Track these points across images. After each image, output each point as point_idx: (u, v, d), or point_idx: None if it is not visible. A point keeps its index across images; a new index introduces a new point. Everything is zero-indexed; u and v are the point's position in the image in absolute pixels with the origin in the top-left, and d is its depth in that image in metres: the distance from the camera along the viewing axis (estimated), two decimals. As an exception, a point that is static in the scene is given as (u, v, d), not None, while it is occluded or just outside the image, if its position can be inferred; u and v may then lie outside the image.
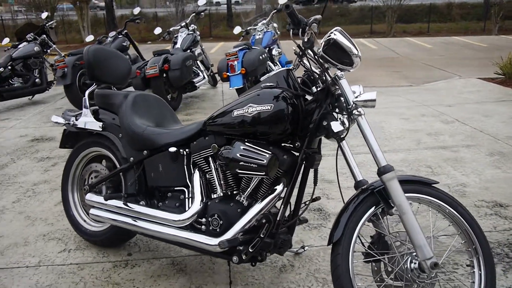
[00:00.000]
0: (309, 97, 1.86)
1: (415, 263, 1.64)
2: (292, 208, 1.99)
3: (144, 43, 16.17)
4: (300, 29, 1.71)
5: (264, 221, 1.74)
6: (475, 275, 1.73)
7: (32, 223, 2.84)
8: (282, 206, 1.85)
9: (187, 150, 2.07)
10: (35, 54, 6.51)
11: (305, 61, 1.84)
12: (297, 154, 1.86)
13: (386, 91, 6.50)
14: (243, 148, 1.77)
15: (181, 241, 1.97)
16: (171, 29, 6.69)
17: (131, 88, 6.33)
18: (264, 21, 6.46)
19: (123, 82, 2.57)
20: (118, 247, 2.49)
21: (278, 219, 1.85)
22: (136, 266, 2.32)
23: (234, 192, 1.98)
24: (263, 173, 1.73)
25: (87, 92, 2.46)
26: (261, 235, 1.76)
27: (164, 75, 5.51)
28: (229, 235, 1.83)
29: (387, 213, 1.70)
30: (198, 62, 6.44)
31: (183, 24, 6.56)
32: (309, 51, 1.75)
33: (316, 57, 1.75)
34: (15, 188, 3.43)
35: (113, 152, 2.36)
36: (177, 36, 6.51)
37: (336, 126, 1.74)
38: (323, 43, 1.71)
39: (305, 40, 1.70)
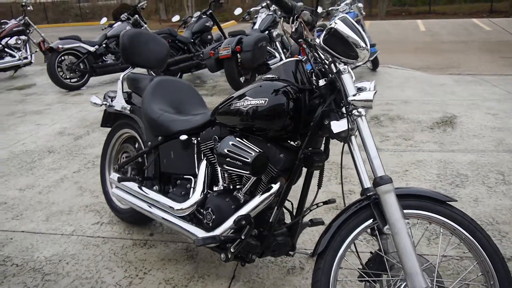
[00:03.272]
0: None
1: (407, 292, 1.42)
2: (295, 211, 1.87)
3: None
4: (291, 18, 1.53)
5: (243, 222, 1.64)
6: (488, 316, 1.45)
7: (81, 194, 3.08)
8: (276, 207, 1.73)
9: (199, 139, 2.04)
10: (127, 33, 6.97)
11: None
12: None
13: (482, 80, 5.75)
14: (232, 144, 1.68)
15: (178, 230, 1.97)
16: (251, 9, 6.66)
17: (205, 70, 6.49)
18: (348, 1, 6.08)
19: (159, 65, 2.60)
20: (143, 226, 2.58)
21: (270, 220, 1.73)
22: (152, 247, 2.38)
23: (237, 187, 1.90)
24: (248, 172, 1.62)
25: (121, 75, 2.54)
26: (242, 237, 1.67)
27: (238, 56, 5.52)
28: (218, 231, 1.77)
29: (381, 230, 1.49)
30: (277, 43, 6.33)
31: (264, 4, 6.47)
32: (308, 42, 1.57)
33: (316, 48, 1.56)
34: (80, 159, 3.74)
35: (140, 135, 2.42)
36: (257, 16, 6.46)
37: (336, 126, 1.54)
38: (325, 32, 1.53)
39: (293, 30, 1.52)
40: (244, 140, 1.70)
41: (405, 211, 1.50)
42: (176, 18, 7.12)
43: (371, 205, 1.50)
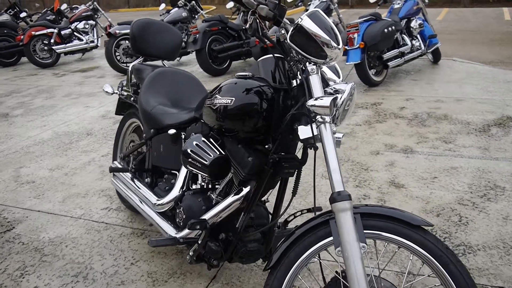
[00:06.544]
0: None
1: (358, 322, 1.27)
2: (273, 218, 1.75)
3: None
4: (249, 13, 1.40)
5: (197, 227, 1.56)
6: None
7: (101, 178, 3.18)
8: (242, 213, 1.63)
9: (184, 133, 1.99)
10: (182, 19, 7.10)
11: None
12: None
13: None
14: (195, 144, 1.60)
15: (155, 225, 1.94)
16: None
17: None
18: (408, -13, 5.64)
19: (171, 56, 2.57)
20: (146, 216, 2.61)
21: (237, 226, 1.64)
22: (147, 237, 2.40)
23: (216, 187, 1.83)
24: (206, 174, 1.54)
25: (130, 65, 2.55)
26: (199, 241, 1.59)
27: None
28: (183, 233, 1.72)
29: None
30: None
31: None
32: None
33: (277, 46, 1.43)
34: (111, 143, 3.88)
35: (142, 125, 2.43)
36: (310, 4, 6.25)
37: (303, 132, 1.40)
38: (291, 28, 1.38)
39: (247, 26, 1.39)
40: (211, 140, 1.62)
41: (370, 231, 1.34)
42: (230, 4, 7.08)
43: (330, 221, 1.35)
